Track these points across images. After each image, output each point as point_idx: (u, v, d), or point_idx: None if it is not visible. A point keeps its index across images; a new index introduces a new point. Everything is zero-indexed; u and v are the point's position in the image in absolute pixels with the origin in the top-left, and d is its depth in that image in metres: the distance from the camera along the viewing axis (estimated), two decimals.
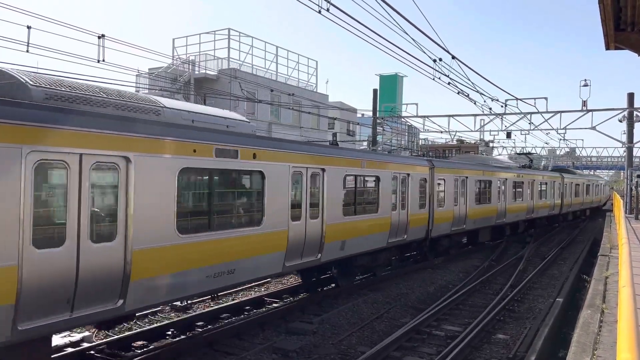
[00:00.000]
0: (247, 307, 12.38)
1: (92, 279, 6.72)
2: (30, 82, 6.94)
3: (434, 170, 17.49)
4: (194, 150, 8.24)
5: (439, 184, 17.92)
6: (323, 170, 11.78)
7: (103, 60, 14.80)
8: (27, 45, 13.17)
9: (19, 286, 5.98)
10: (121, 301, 7.20)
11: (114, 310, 7.16)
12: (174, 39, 32.95)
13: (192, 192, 8.73)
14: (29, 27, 13.44)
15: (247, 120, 10.87)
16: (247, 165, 9.49)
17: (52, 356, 8.52)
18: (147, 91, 32.23)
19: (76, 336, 9.63)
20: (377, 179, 14.23)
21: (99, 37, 14.83)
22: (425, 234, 17.16)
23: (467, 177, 19.91)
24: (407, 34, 13.07)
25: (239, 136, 9.50)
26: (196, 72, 30.96)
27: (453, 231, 19.19)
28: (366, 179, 13.89)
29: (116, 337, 9.69)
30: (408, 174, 15.78)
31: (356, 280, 15.11)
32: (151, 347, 9.41)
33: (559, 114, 28.42)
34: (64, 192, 6.51)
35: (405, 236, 15.74)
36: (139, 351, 9.18)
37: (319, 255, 11.74)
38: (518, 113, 28.98)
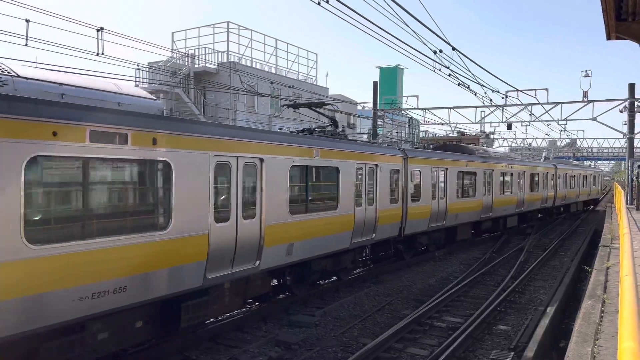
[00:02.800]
0: (249, 300, 12.41)
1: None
2: None
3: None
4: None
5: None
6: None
7: (102, 54, 14.75)
8: (26, 39, 13.13)
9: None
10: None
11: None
12: (173, 33, 32.85)
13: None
14: (27, 21, 13.39)
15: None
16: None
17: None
18: (147, 85, 32.22)
19: None
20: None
21: (98, 30, 14.78)
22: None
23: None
24: (407, 25, 13.01)
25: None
26: (196, 66, 30.87)
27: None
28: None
29: None
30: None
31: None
32: (153, 340, 9.43)
33: (559, 105, 28.35)
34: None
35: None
36: (142, 346, 9.21)
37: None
38: (519, 104, 28.91)
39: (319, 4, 10.72)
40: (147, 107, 8.59)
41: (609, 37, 9.60)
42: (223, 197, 9.07)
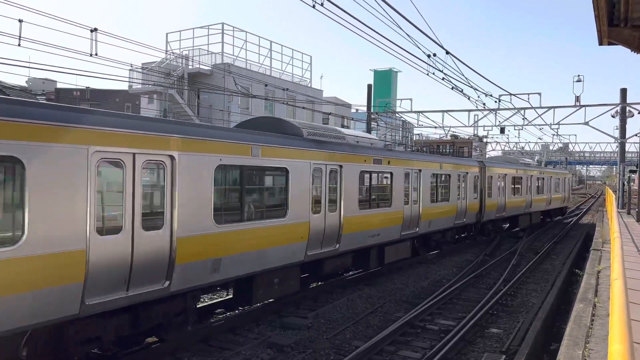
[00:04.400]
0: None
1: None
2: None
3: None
4: None
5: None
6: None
7: (96, 54, 14.71)
8: (19, 39, 13.07)
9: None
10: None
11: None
12: (167, 34, 32.81)
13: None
14: (20, 21, 13.33)
15: None
16: None
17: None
18: (140, 86, 32.14)
19: None
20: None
21: (91, 31, 14.74)
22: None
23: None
24: (401, 29, 13.07)
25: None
26: (190, 67, 30.83)
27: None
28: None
29: None
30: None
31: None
32: (145, 342, 9.39)
33: (552, 109, 28.56)
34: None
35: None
36: (135, 347, 9.16)
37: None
38: (512, 108, 29.11)
39: (313, 6, 10.74)
40: None
41: (601, 43, 9.68)
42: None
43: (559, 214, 38.01)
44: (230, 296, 11.54)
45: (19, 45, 13.17)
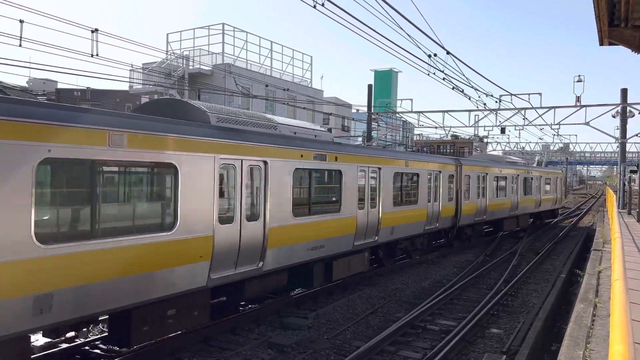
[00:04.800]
0: (242, 303, 12.38)
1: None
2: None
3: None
4: None
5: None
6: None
7: (97, 55, 14.72)
8: (20, 40, 13.08)
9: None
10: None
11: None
12: (167, 34, 32.82)
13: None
14: (21, 21, 13.34)
15: None
16: None
17: (43, 353, 8.51)
18: (140, 86, 32.16)
19: (70, 332, 9.59)
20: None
21: (92, 32, 14.76)
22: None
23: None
24: (402, 29, 13.07)
25: None
26: (190, 67, 30.84)
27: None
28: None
29: None
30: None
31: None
32: (146, 343, 9.39)
33: (552, 109, 28.53)
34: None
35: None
36: (135, 347, 9.16)
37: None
38: (512, 109, 29.09)
39: (314, 7, 10.75)
40: None
41: (601, 43, 9.69)
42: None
43: (550, 217, 35.05)
44: None
45: (20, 45, 13.19)
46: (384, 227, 14.58)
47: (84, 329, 8.32)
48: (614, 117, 29.25)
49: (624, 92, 28.19)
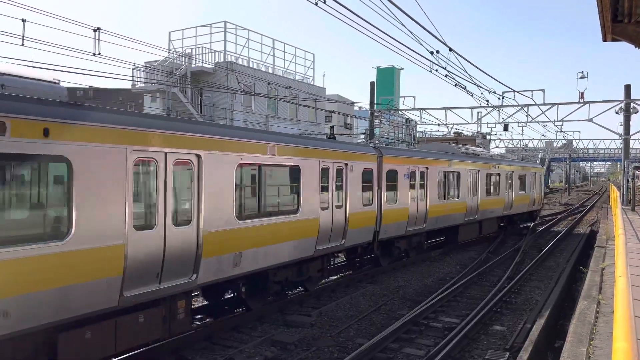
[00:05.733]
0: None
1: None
2: None
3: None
4: None
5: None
6: None
7: (99, 54, 14.73)
8: (22, 39, 13.10)
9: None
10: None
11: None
12: (170, 32, 32.82)
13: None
14: (24, 20, 13.36)
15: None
16: None
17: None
18: (143, 84, 32.19)
19: None
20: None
21: (94, 30, 14.77)
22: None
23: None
24: (404, 26, 13.05)
25: None
26: (193, 66, 30.86)
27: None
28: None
29: None
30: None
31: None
32: (150, 341, 9.42)
33: (556, 106, 28.46)
34: None
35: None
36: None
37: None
38: (515, 105, 29.02)
39: (316, 4, 10.73)
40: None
41: (604, 39, 9.65)
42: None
43: (528, 220, 28.96)
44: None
45: (22, 45, 13.21)
46: (209, 259, 8.85)
47: None
48: (617, 113, 29.13)
49: (628, 88, 28.08)
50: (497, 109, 29.44)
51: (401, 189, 15.91)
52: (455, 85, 21.42)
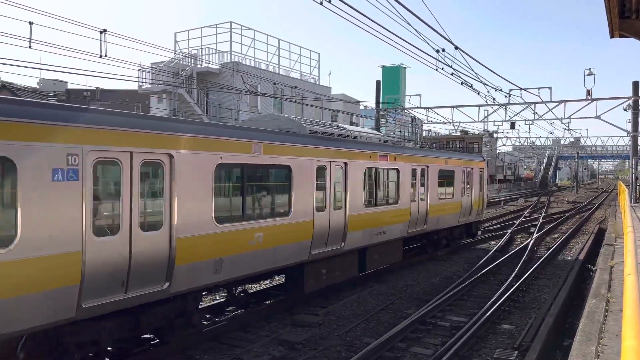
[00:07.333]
0: (252, 300, 12.43)
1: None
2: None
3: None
4: None
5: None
6: None
7: (105, 55, 14.81)
8: (29, 41, 13.19)
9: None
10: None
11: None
12: (175, 33, 32.99)
13: None
14: (31, 23, 13.46)
15: None
16: None
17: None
18: (149, 85, 32.33)
19: None
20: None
21: (100, 32, 14.85)
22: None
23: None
24: (410, 25, 13.02)
25: None
26: (198, 66, 30.95)
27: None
28: None
29: None
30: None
31: None
32: (157, 340, 9.46)
33: (563, 103, 28.31)
34: None
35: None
36: (146, 344, 9.24)
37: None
38: (522, 103, 28.89)
39: (321, 3, 10.73)
40: None
41: (612, 35, 9.58)
42: None
43: (460, 236, 20.58)
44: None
45: (30, 47, 13.31)
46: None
47: None
48: (625, 110, 28.95)
49: (636, 84, 27.87)
50: (504, 107, 29.32)
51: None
52: (462, 84, 21.36)
